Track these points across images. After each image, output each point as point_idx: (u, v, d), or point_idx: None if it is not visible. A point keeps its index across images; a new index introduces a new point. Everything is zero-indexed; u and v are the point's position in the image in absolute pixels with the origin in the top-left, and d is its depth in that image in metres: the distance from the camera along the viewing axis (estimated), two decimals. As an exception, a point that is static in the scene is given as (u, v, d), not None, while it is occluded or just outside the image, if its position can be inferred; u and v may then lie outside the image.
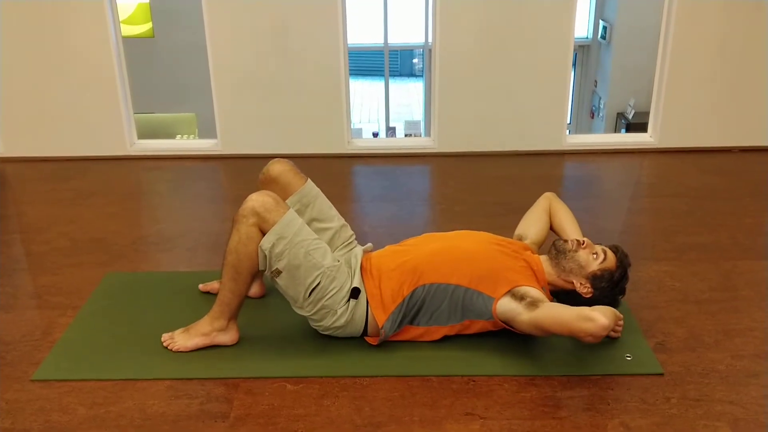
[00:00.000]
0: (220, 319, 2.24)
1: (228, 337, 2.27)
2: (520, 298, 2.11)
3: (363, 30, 10.59)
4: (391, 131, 10.43)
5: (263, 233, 2.12)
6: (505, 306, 2.13)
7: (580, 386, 2.08)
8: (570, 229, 2.49)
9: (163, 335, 2.30)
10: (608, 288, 2.25)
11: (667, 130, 4.57)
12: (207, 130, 5.32)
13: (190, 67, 7.02)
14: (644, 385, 2.09)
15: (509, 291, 2.15)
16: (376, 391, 2.07)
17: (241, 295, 2.21)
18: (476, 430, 1.90)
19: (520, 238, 2.50)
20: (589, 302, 2.22)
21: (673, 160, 4.46)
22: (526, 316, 2.07)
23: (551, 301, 2.24)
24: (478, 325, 2.23)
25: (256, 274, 2.22)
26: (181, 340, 2.26)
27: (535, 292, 2.14)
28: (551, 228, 2.56)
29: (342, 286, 2.19)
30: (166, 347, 2.26)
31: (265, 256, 2.12)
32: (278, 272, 2.14)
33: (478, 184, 4.05)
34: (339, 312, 2.20)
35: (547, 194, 2.62)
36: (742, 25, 4.32)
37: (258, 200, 2.12)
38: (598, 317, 1.94)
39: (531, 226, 2.54)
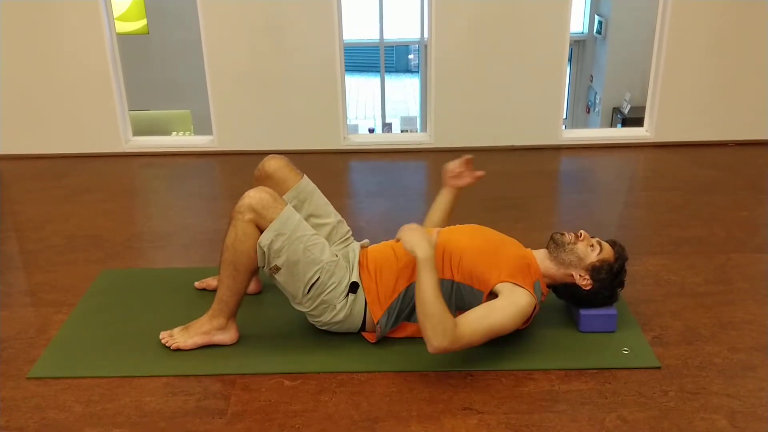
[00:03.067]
0: (219, 317, 2.23)
1: (227, 336, 2.25)
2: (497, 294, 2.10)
3: (359, 26, 10.57)
4: (387, 127, 10.43)
5: (260, 230, 2.11)
6: None
7: (578, 380, 2.09)
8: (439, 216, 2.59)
9: (162, 333, 2.28)
10: (608, 279, 2.24)
11: (662, 124, 4.58)
12: (202, 126, 5.31)
13: (184, 64, 7.02)
14: (641, 378, 2.09)
15: (498, 285, 2.14)
16: (373, 387, 2.07)
17: (239, 293, 2.20)
18: (474, 424, 1.90)
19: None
20: (589, 295, 2.23)
21: (669, 154, 4.47)
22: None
23: (546, 294, 2.24)
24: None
25: (254, 271, 2.21)
26: (180, 338, 2.25)
27: (518, 293, 2.10)
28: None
29: (341, 281, 2.19)
30: (165, 345, 2.25)
31: (264, 252, 2.11)
32: (277, 269, 2.13)
33: (474, 180, 4.03)
34: (338, 307, 2.19)
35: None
36: (738, 20, 4.33)
37: (255, 197, 2.11)
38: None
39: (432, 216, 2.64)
